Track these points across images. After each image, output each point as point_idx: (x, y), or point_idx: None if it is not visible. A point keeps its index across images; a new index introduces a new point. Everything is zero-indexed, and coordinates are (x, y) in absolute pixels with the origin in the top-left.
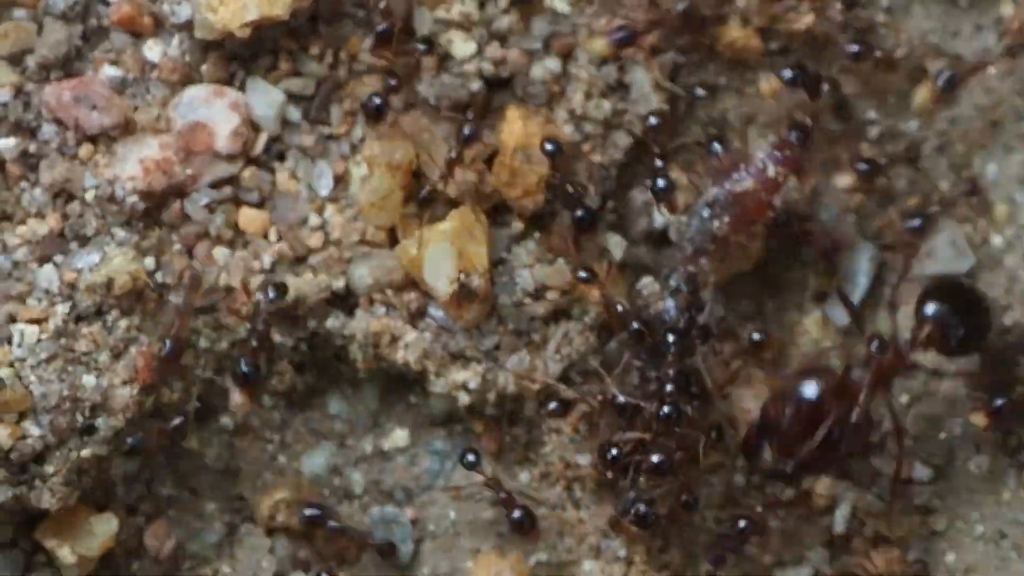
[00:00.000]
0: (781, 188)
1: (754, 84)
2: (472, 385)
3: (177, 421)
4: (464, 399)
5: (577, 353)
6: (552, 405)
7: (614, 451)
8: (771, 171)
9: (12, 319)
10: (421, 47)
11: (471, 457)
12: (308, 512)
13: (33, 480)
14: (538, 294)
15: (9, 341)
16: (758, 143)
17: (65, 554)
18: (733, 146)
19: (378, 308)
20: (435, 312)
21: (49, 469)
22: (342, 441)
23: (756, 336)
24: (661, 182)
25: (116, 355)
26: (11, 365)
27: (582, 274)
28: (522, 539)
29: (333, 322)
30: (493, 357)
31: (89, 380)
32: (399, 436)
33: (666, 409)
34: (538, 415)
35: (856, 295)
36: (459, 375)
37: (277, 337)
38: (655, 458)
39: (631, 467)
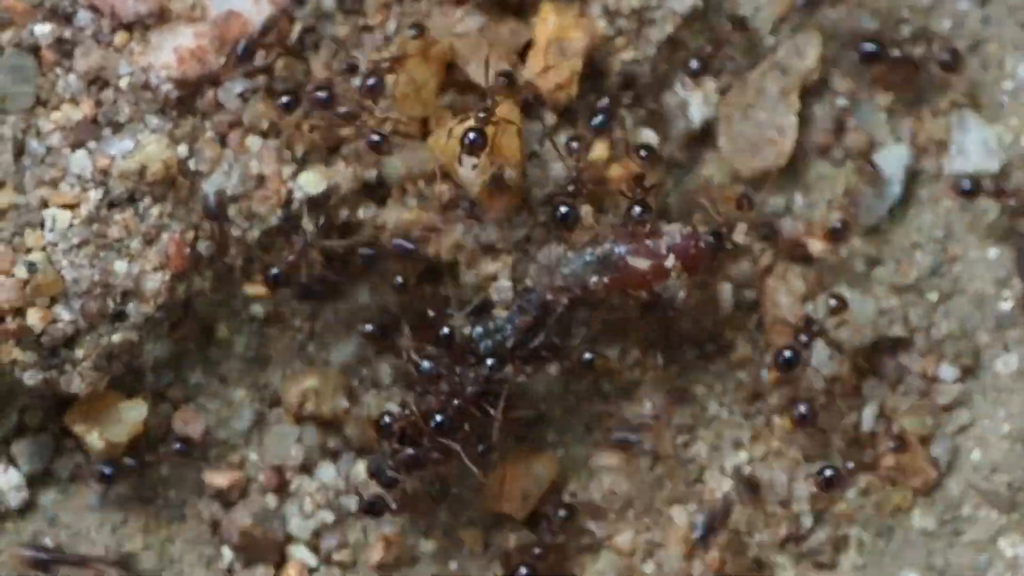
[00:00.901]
0: (668, 280)
1: None
2: (502, 277)
3: None
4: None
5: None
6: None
7: (387, 419)
8: (669, 262)
9: (45, 204)
10: None
11: None
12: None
13: (63, 364)
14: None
15: (41, 226)
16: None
17: (94, 439)
18: (652, 215)
19: (410, 199)
20: (467, 204)
21: (79, 354)
22: None
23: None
24: (563, 209)
25: (148, 242)
26: (43, 249)
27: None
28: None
29: (365, 212)
30: (523, 249)
31: (121, 266)
32: None
33: (439, 418)
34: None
35: (888, 203)
36: (490, 267)
37: (308, 226)
38: (408, 451)
39: (394, 438)
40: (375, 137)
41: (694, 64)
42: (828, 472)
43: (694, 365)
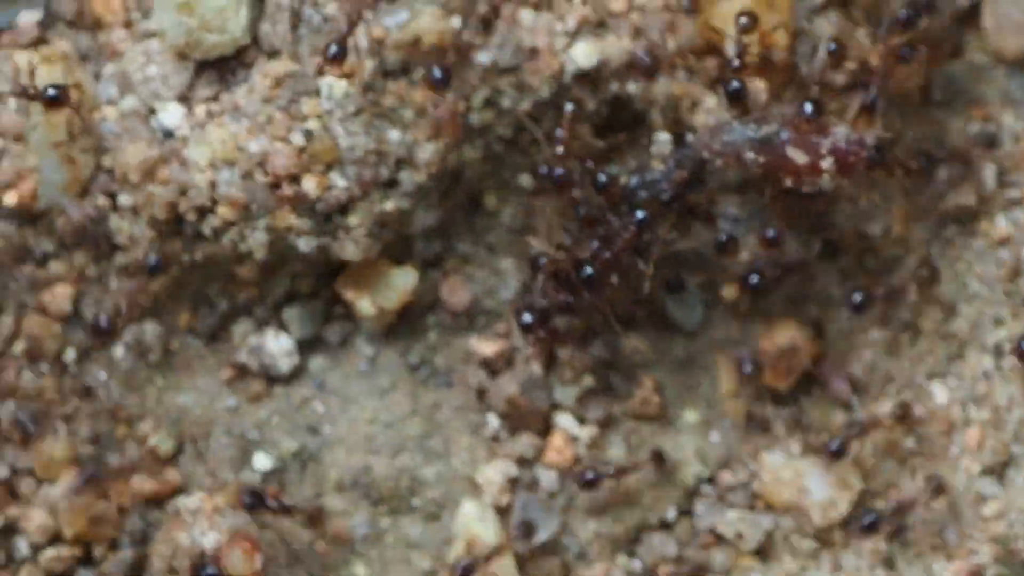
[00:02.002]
0: (820, 178)
1: None
2: None
3: None
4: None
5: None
6: None
7: (541, 258)
8: (826, 163)
9: (321, 73)
10: None
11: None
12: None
13: (337, 231)
14: (837, 64)
15: (317, 94)
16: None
17: (364, 306)
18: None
19: (679, 73)
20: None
21: (353, 221)
22: None
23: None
24: (734, 84)
25: (421, 112)
26: (319, 117)
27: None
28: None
29: (634, 86)
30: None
31: (394, 135)
32: None
33: (588, 271)
34: None
35: None
36: None
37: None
38: (563, 296)
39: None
40: None
41: None
42: None
43: (955, 242)
